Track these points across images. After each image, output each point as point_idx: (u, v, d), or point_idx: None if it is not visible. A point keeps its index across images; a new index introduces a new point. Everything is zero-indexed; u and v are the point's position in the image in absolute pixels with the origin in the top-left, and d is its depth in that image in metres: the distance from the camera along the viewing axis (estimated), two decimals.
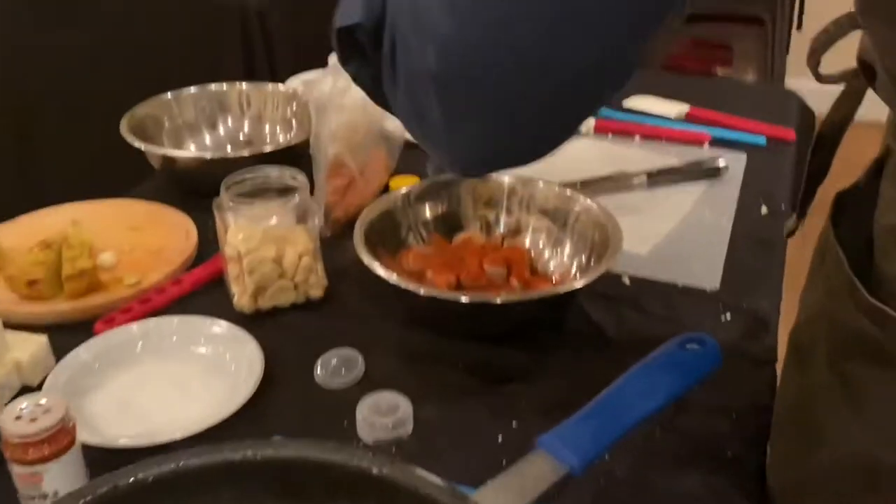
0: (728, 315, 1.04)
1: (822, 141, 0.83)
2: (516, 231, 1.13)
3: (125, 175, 1.28)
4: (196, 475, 0.54)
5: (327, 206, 1.17)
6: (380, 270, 0.96)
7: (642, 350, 0.81)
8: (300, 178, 1.05)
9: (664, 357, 0.80)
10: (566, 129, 0.62)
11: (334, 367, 0.95)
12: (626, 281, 1.11)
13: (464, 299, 0.93)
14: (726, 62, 2.85)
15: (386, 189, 1.24)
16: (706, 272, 1.12)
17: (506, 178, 1.14)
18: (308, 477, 0.55)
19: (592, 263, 1.04)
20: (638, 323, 1.01)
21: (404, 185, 1.16)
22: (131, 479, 0.54)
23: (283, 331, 1.01)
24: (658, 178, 1.33)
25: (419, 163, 1.23)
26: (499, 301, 0.94)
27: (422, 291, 0.95)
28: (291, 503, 0.55)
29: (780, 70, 2.80)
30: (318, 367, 0.95)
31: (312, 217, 1.06)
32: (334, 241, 1.16)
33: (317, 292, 1.07)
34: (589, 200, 1.10)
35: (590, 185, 1.27)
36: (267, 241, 1.02)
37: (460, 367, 0.96)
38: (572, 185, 1.20)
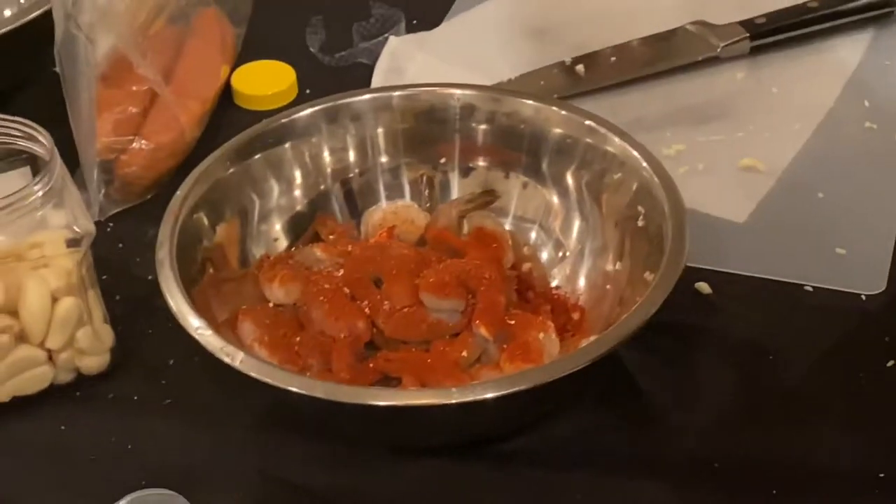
0: None
1: None
2: (485, 201, 0.64)
3: None
4: None
5: (104, 159, 0.68)
6: (203, 332, 0.52)
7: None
8: (40, 137, 0.57)
9: None
10: None
11: None
12: (706, 289, 0.62)
13: (381, 402, 0.50)
14: None
15: (225, 98, 0.74)
16: (864, 259, 0.64)
17: (456, 91, 0.64)
18: None
19: (636, 264, 0.58)
20: (725, 384, 0.58)
21: (263, 88, 0.71)
22: None
23: (19, 453, 0.57)
24: (770, 32, 0.77)
25: (287, 30, 0.79)
26: (453, 400, 0.50)
27: (293, 386, 0.51)
28: None
29: None
30: None
31: (72, 205, 0.57)
32: (126, 227, 0.68)
33: (93, 363, 0.60)
34: (633, 150, 0.60)
35: (623, 62, 0.76)
36: None
37: None
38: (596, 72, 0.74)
